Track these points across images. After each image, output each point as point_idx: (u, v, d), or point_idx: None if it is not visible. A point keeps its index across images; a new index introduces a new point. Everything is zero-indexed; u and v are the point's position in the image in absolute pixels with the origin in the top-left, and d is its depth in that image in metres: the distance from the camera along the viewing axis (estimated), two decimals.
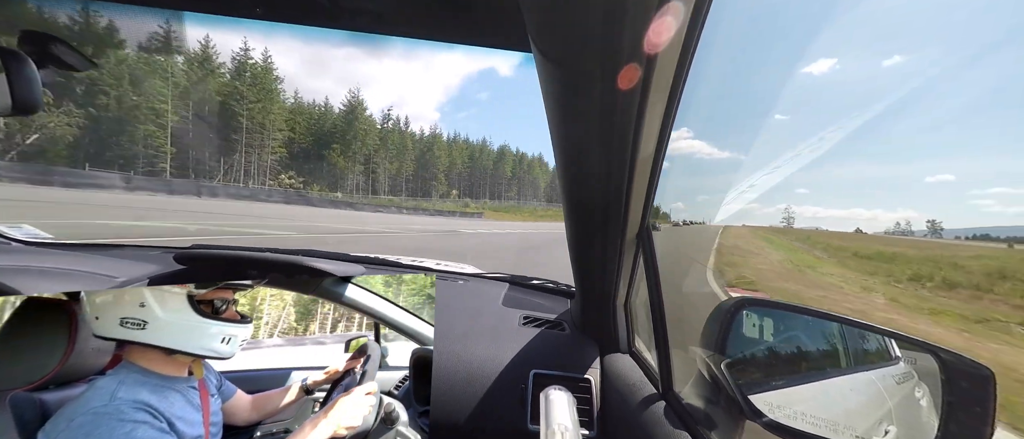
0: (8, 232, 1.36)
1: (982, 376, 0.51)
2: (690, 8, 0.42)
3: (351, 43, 13.00)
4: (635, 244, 0.77)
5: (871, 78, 48.68)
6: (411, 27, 0.74)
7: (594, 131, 0.56)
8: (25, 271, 1.00)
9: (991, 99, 38.43)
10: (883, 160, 46.30)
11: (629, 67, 0.44)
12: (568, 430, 0.63)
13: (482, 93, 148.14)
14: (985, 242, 5.10)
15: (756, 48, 1.73)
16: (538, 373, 0.93)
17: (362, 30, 0.75)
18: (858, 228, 24.10)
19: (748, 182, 0.99)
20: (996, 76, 24.46)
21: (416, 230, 16.39)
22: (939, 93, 25.37)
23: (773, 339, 0.74)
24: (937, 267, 3.72)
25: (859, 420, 0.65)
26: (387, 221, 22.84)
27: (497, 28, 0.67)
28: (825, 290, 3.58)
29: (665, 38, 0.42)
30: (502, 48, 0.69)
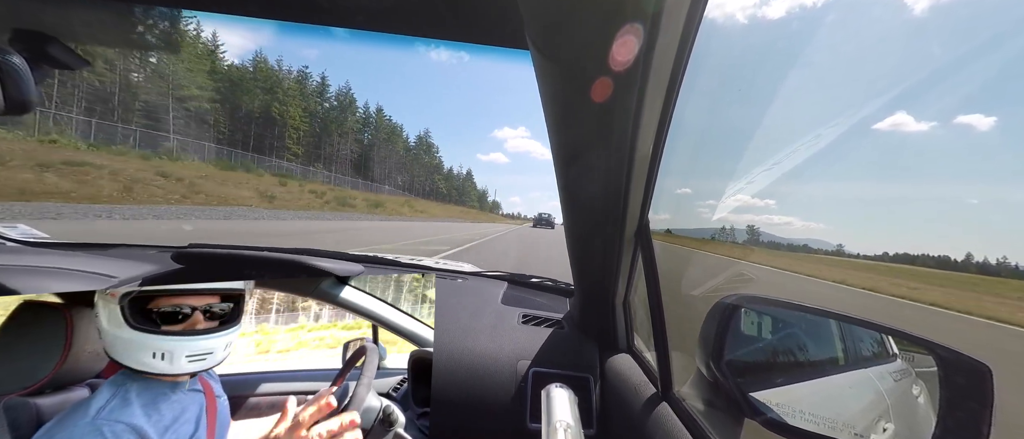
0: (4, 232, 1.35)
1: (980, 372, 0.51)
2: (688, 7, 0.42)
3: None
4: (634, 242, 0.77)
5: (872, 77, 48.99)
6: (408, 25, 0.74)
7: (592, 130, 0.56)
8: (21, 270, 0.99)
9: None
10: (883, 158, 46.64)
11: (628, 66, 0.44)
12: (570, 427, 0.63)
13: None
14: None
15: (756, 47, 1.74)
16: (537, 371, 0.93)
17: (358, 28, 0.74)
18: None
19: (746, 179, 0.99)
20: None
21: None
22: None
23: (772, 337, 0.74)
24: None
25: (858, 417, 0.65)
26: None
27: (496, 27, 0.67)
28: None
29: (664, 37, 0.42)
30: (500, 47, 0.68)
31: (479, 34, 0.71)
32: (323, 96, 53.37)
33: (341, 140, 53.43)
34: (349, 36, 0.79)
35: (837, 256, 14.38)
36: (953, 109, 53.37)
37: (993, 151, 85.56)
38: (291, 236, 10.31)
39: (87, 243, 1.35)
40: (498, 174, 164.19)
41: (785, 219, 38.20)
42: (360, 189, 47.59)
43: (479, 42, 0.72)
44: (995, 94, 59.01)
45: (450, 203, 77.93)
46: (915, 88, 12.26)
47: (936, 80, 10.70)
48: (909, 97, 25.17)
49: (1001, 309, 6.30)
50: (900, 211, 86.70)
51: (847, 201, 46.26)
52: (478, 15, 0.66)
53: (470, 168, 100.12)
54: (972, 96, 37.16)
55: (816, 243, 22.60)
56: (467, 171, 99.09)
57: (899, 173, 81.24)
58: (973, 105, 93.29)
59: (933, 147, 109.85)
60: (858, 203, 64.86)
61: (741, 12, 1.27)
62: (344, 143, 53.86)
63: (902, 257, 15.23)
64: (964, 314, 5.86)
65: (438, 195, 77.75)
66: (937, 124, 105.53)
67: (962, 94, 29.78)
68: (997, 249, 28.60)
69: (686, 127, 0.61)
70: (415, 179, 72.28)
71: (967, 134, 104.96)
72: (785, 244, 9.02)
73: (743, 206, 1.33)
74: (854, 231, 63.93)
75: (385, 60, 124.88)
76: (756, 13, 17.31)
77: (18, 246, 1.28)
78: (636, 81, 0.46)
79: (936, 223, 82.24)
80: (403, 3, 0.67)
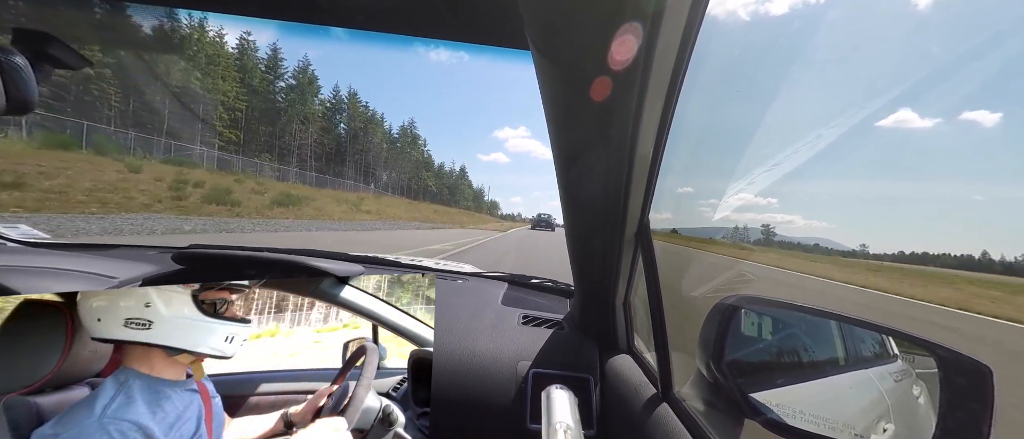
0: (4, 232, 1.35)
1: (980, 373, 0.50)
2: (688, 7, 0.42)
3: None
4: (634, 243, 0.77)
5: (876, 74, 48.87)
6: (409, 25, 0.74)
7: (593, 130, 0.56)
8: (22, 271, 1.00)
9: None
10: (883, 156, 46.61)
11: (628, 66, 0.44)
12: (570, 428, 0.63)
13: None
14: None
15: (757, 45, 1.74)
16: (537, 372, 0.93)
17: (359, 28, 0.74)
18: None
19: (747, 180, 0.99)
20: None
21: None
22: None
23: (772, 337, 0.74)
24: None
25: (858, 418, 0.65)
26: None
27: (496, 27, 0.67)
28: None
29: (664, 37, 0.42)
30: (501, 47, 0.68)
31: (479, 34, 0.71)
32: (276, 72, 41.23)
33: (303, 128, 44.16)
34: (349, 36, 0.79)
35: (839, 256, 14.32)
36: (958, 105, 53.06)
37: (998, 148, 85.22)
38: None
39: (87, 243, 1.36)
40: (499, 174, 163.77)
41: (788, 218, 38.18)
42: (331, 187, 38.89)
43: (479, 42, 0.72)
44: (998, 92, 58.82)
45: (439, 203, 68.14)
46: (919, 85, 12.18)
47: (941, 77, 10.67)
48: (913, 94, 25.14)
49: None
50: (903, 209, 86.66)
51: (849, 199, 45.98)
52: (478, 15, 0.66)
53: (464, 164, 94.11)
54: (975, 93, 36.97)
55: (821, 241, 22.57)
56: (461, 168, 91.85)
57: (902, 172, 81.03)
58: (979, 101, 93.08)
59: (939, 144, 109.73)
60: (859, 202, 64.75)
61: (743, 9, 1.25)
62: (306, 131, 44.43)
63: (909, 256, 15.14)
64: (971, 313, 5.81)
65: (427, 194, 70.01)
66: (942, 120, 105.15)
67: (966, 91, 29.77)
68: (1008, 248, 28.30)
69: (687, 127, 0.60)
70: (399, 175, 64.77)
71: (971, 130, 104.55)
72: (787, 244, 9.03)
73: (745, 205, 1.33)
74: (855, 229, 63.93)
75: (385, 60, 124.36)
76: (758, 10, 17.30)
77: (18, 246, 1.29)
78: (636, 81, 0.46)
79: (938, 221, 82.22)
80: (403, 3, 0.67)
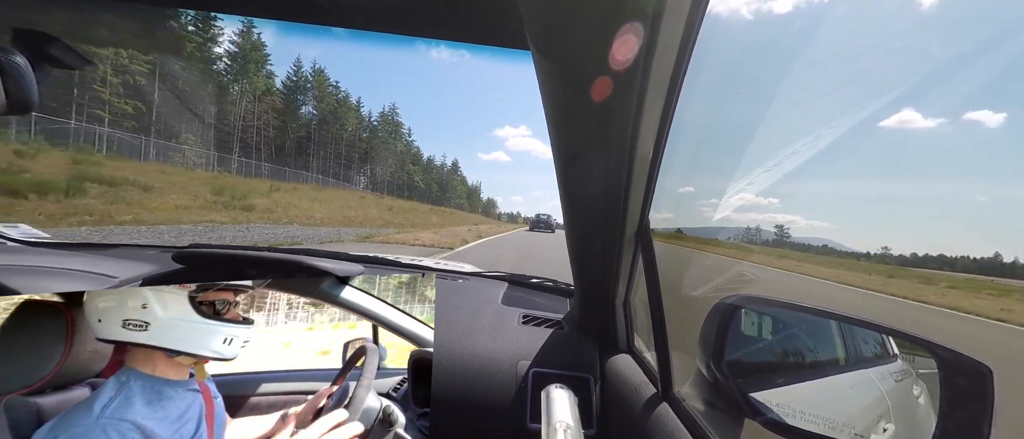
0: (5, 231, 1.35)
1: (981, 373, 0.50)
2: (688, 7, 0.42)
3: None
4: (634, 242, 0.77)
5: (875, 76, 48.79)
6: (409, 25, 0.74)
7: (593, 130, 0.56)
8: (22, 270, 1.00)
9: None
10: (884, 154, 46.53)
11: (628, 66, 0.44)
12: (570, 428, 0.63)
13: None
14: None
15: (758, 45, 1.74)
16: (537, 372, 0.93)
17: (359, 28, 0.74)
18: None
19: (747, 180, 0.98)
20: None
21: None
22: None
23: (772, 337, 0.74)
24: None
25: (858, 418, 0.65)
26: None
27: (496, 27, 0.67)
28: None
29: (664, 37, 0.42)
30: (501, 47, 0.68)
31: (479, 34, 0.71)
32: (206, 34, 32.43)
33: (250, 107, 36.65)
34: (349, 36, 0.79)
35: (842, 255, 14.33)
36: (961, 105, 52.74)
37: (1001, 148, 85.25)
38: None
39: (87, 243, 1.36)
40: (500, 173, 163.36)
41: (789, 218, 38.05)
42: (287, 179, 32.69)
43: (479, 42, 0.72)
44: (1001, 92, 58.80)
45: (427, 202, 59.01)
46: (921, 84, 12.16)
47: (943, 76, 10.61)
48: (916, 94, 25.05)
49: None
50: (903, 209, 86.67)
51: (851, 199, 46.02)
52: (478, 15, 0.66)
53: (456, 159, 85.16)
54: (978, 93, 36.90)
55: (825, 242, 22.54)
56: (453, 162, 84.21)
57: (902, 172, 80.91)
58: (981, 101, 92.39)
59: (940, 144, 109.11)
60: (860, 201, 64.74)
61: (744, 8, 1.24)
62: (252, 112, 36.74)
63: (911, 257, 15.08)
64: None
65: (414, 190, 63.25)
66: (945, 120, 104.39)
67: (968, 90, 29.71)
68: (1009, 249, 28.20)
69: (687, 127, 0.60)
70: (377, 168, 56.38)
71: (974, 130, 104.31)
72: (789, 244, 8.99)
73: (745, 205, 1.33)
74: (855, 229, 63.95)
75: (384, 60, 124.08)
76: (760, 9, 17.23)
77: (18, 246, 1.29)
78: (636, 81, 0.46)
79: (939, 220, 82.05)
80: (403, 3, 0.67)
